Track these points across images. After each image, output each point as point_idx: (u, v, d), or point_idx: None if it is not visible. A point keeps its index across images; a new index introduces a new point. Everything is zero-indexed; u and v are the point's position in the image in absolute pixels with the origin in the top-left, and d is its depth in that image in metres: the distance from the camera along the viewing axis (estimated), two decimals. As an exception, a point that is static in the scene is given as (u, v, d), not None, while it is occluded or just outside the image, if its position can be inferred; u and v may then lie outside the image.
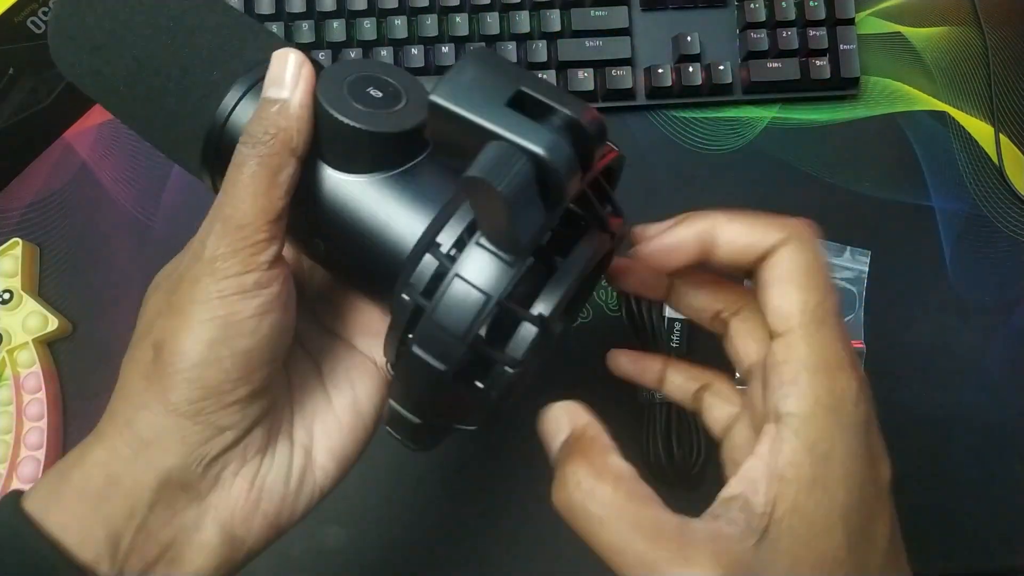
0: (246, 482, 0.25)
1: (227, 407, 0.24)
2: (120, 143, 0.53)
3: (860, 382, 0.24)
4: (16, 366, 0.49)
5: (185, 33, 0.27)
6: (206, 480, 0.24)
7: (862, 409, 0.24)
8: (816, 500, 0.23)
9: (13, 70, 0.47)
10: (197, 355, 0.24)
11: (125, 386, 0.25)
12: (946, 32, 0.56)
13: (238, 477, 0.25)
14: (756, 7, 0.53)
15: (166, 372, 0.24)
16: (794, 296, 0.24)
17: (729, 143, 0.54)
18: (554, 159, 0.20)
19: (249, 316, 0.24)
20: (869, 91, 0.55)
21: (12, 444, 0.48)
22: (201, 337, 0.24)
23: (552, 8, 0.52)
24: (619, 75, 0.52)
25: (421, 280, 0.24)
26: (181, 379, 0.23)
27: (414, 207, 0.26)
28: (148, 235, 0.52)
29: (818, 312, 0.24)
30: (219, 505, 0.25)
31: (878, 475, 0.25)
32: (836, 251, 0.52)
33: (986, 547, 0.48)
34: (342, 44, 0.52)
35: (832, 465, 0.23)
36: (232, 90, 0.27)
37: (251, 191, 0.24)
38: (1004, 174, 0.53)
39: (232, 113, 0.26)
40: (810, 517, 0.22)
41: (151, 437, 0.24)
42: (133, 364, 0.25)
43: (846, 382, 0.24)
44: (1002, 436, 0.50)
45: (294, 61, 0.25)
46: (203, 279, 0.24)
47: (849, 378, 0.24)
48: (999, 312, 0.52)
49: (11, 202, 0.52)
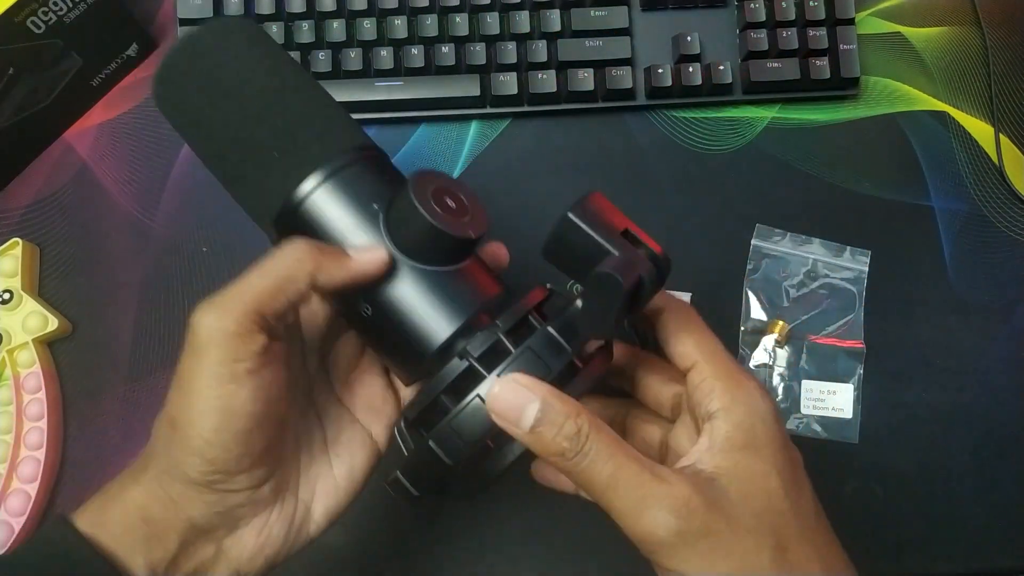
0: (255, 531, 0.30)
1: (234, 476, 0.28)
2: (120, 143, 0.53)
3: (761, 385, 0.30)
4: (16, 366, 0.49)
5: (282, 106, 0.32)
6: (223, 528, 0.29)
7: (769, 401, 0.30)
8: (751, 457, 0.28)
9: (13, 70, 0.47)
10: (202, 440, 0.27)
11: (155, 445, 0.29)
12: (946, 32, 0.56)
13: (248, 527, 0.30)
14: (756, 7, 0.53)
15: (180, 448, 0.28)
16: (688, 340, 0.31)
17: (729, 143, 0.54)
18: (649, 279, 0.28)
19: (244, 400, 0.28)
20: (869, 91, 0.55)
21: (12, 444, 0.48)
22: (205, 425, 0.27)
23: (552, 8, 0.52)
24: (619, 75, 0.52)
25: (445, 379, 0.29)
26: (193, 458, 0.28)
27: (455, 304, 0.31)
28: (148, 235, 0.52)
29: (709, 344, 0.31)
30: (231, 548, 0.30)
31: (793, 455, 0.30)
32: (836, 251, 0.52)
33: (986, 547, 0.48)
34: (342, 44, 0.52)
35: (757, 433, 0.29)
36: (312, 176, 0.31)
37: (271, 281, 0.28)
38: (1004, 174, 0.53)
39: (308, 198, 0.31)
40: (750, 469, 0.28)
41: (176, 496, 0.28)
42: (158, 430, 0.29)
43: (750, 383, 0.30)
44: (1002, 436, 0.50)
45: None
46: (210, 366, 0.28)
47: (751, 380, 0.30)
48: (999, 312, 0.52)
49: (11, 202, 0.52)
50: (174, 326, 0.51)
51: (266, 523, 0.30)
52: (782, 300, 0.51)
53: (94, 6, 0.48)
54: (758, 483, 0.28)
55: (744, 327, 0.51)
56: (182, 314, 0.51)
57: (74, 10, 0.47)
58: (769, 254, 0.52)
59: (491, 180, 0.53)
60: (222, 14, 0.51)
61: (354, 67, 0.51)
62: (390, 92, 0.52)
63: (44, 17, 0.46)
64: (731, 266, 0.52)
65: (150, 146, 0.53)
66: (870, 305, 0.51)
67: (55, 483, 0.48)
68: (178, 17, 0.51)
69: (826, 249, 0.52)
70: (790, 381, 0.50)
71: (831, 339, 0.51)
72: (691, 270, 0.52)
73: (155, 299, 0.51)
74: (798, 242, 0.52)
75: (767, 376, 0.50)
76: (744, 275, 0.52)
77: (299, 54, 0.51)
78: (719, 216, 0.53)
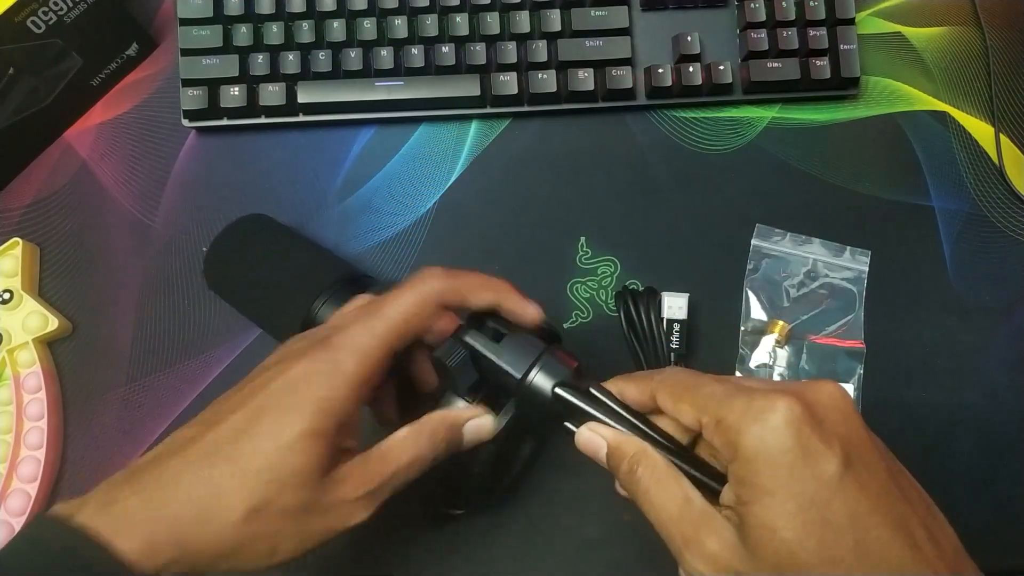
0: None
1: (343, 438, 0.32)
2: (120, 143, 0.53)
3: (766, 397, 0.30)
4: (16, 366, 0.49)
5: (289, 263, 0.45)
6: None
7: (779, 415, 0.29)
8: (760, 507, 0.29)
9: (13, 70, 0.47)
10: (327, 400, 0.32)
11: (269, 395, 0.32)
12: (946, 32, 0.56)
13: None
14: (756, 7, 0.53)
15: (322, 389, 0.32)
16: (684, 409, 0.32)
17: (729, 143, 0.54)
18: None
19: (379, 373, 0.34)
20: (869, 91, 0.55)
21: (12, 444, 0.48)
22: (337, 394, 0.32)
23: (552, 8, 0.52)
24: (619, 75, 0.52)
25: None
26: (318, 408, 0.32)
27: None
28: (148, 235, 0.52)
29: (701, 401, 0.32)
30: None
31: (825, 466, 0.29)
32: (836, 251, 0.52)
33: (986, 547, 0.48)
34: (342, 44, 0.52)
35: (762, 480, 0.29)
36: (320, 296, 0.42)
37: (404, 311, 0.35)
38: (1004, 174, 0.53)
39: (320, 309, 0.42)
40: (758, 519, 0.29)
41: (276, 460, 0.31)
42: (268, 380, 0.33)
43: (754, 424, 0.29)
44: (1002, 436, 0.50)
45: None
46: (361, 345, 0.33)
47: (753, 421, 0.29)
48: (999, 312, 0.52)
49: (11, 202, 0.52)
50: (174, 326, 0.51)
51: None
52: (782, 300, 0.51)
53: (94, 6, 0.48)
54: (767, 540, 0.28)
55: (744, 327, 0.51)
56: (182, 314, 0.51)
57: (74, 10, 0.47)
58: (769, 254, 0.52)
59: (491, 180, 0.53)
60: (222, 14, 0.51)
61: (354, 67, 0.51)
62: (390, 92, 0.52)
63: (44, 17, 0.46)
64: (731, 266, 0.52)
65: (150, 146, 0.53)
66: (870, 305, 0.51)
67: (55, 483, 0.48)
68: (178, 17, 0.51)
69: (826, 249, 0.52)
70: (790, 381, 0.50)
71: (831, 339, 0.51)
72: (691, 270, 0.52)
73: (155, 299, 0.51)
74: (798, 242, 0.52)
75: (767, 376, 0.50)
76: (744, 275, 0.52)
77: (299, 54, 0.51)
78: (719, 216, 0.53)
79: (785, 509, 0.28)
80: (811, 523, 0.28)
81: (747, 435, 0.29)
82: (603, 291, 0.52)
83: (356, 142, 0.54)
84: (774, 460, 0.28)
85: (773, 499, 0.28)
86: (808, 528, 0.28)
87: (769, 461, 0.28)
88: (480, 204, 0.53)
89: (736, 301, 0.51)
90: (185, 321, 0.51)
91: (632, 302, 0.48)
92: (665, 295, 0.49)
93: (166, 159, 0.53)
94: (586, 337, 0.51)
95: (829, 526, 0.28)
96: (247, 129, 0.53)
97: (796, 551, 0.28)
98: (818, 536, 0.27)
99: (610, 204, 0.53)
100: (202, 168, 0.53)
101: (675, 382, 0.33)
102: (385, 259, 0.52)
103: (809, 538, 0.27)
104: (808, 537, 0.27)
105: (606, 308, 0.51)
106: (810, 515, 0.28)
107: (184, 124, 0.52)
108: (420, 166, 0.54)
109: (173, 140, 0.53)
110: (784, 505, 0.28)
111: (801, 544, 0.27)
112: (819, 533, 0.28)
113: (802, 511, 0.28)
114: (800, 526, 0.28)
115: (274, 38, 0.51)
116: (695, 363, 0.50)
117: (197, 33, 0.51)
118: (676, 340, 0.48)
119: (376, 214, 0.53)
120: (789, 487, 0.28)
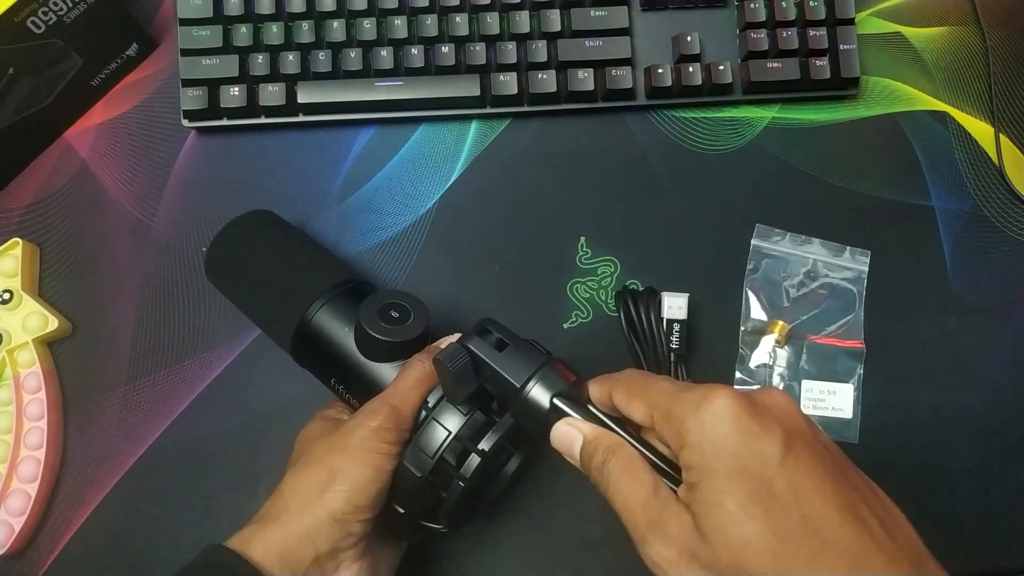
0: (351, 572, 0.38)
1: (359, 521, 0.37)
2: (120, 143, 0.53)
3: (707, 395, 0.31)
4: (16, 366, 0.49)
5: (289, 264, 0.45)
6: (333, 562, 0.37)
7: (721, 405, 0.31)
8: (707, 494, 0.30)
9: (13, 70, 0.47)
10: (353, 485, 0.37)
11: (299, 488, 0.38)
12: (946, 32, 0.56)
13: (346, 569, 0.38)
14: (756, 7, 0.53)
15: (334, 490, 0.37)
16: (636, 404, 0.34)
17: (729, 143, 0.54)
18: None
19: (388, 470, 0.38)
20: (869, 91, 0.55)
21: (12, 444, 0.48)
22: (360, 476, 0.37)
23: (552, 8, 0.52)
24: (619, 75, 0.52)
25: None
26: (343, 497, 0.37)
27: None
28: (148, 235, 0.52)
29: (651, 398, 0.34)
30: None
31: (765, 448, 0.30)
32: (836, 251, 0.52)
33: (986, 547, 0.48)
34: (342, 44, 0.52)
35: (706, 466, 0.30)
36: (317, 301, 0.43)
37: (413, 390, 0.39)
38: (1004, 174, 0.53)
39: (316, 314, 0.43)
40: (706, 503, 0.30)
41: (314, 531, 0.36)
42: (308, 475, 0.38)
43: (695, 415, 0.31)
44: (1002, 436, 0.50)
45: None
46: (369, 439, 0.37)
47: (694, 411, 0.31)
48: (999, 312, 0.52)
49: (11, 202, 0.52)
50: (174, 326, 0.51)
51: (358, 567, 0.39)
52: (782, 300, 0.51)
53: (94, 6, 0.48)
54: (714, 517, 0.29)
55: (744, 327, 0.51)
56: (182, 314, 0.51)
57: (74, 10, 0.47)
58: (769, 254, 0.52)
59: (491, 180, 0.53)
60: (222, 14, 0.51)
61: (354, 67, 0.51)
62: (390, 92, 0.52)
63: (44, 17, 0.46)
64: (731, 266, 0.52)
65: (150, 146, 0.53)
66: (870, 305, 0.51)
67: (55, 483, 0.48)
68: (178, 17, 0.51)
69: (826, 249, 0.52)
70: (790, 381, 0.50)
71: (831, 339, 0.51)
72: (691, 270, 0.52)
73: (155, 299, 0.51)
74: (798, 242, 0.52)
75: (767, 376, 0.50)
76: (744, 275, 0.52)
77: (299, 54, 0.51)
78: (719, 216, 0.53)
79: (728, 485, 0.29)
80: (755, 496, 0.28)
81: (692, 421, 0.30)
82: (603, 291, 0.52)
83: (356, 142, 0.54)
84: (716, 442, 0.30)
85: (716, 476, 0.29)
86: (753, 500, 0.28)
87: (712, 443, 0.30)
88: (480, 204, 0.53)
89: (736, 301, 0.51)
90: (185, 321, 0.51)
91: (632, 302, 0.48)
92: (665, 295, 0.49)
93: (166, 159, 0.53)
94: (586, 337, 0.51)
95: (775, 501, 0.28)
96: (247, 129, 0.53)
97: (743, 526, 0.28)
98: (764, 507, 0.28)
99: (610, 204, 0.53)
100: (202, 168, 0.53)
101: (630, 381, 0.35)
102: (385, 259, 0.52)
103: (755, 508, 0.28)
104: (753, 507, 0.28)
105: (606, 308, 0.51)
106: (753, 487, 0.28)
107: (184, 124, 0.52)
108: (420, 166, 0.54)
109: (173, 140, 0.53)
110: (727, 481, 0.29)
111: (748, 514, 0.28)
112: (764, 504, 0.28)
113: (744, 484, 0.29)
114: (745, 498, 0.28)
115: (274, 38, 0.51)
116: (695, 363, 0.50)
117: (197, 33, 0.51)
118: (676, 340, 0.48)
119: (376, 214, 0.53)
120: (730, 464, 0.29)
